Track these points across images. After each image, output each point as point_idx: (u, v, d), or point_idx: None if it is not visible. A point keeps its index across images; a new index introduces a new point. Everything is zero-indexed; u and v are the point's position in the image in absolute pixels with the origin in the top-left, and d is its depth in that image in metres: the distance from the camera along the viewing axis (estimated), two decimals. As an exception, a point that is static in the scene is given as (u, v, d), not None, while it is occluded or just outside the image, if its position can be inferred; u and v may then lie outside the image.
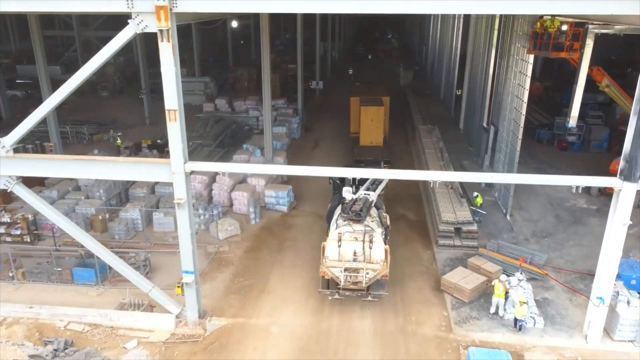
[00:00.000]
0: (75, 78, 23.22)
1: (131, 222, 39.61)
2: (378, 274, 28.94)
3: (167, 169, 24.90)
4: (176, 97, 23.15)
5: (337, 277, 29.13)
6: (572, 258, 35.74)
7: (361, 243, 28.70)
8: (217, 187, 43.70)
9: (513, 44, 42.72)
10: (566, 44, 35.94)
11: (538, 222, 41.03)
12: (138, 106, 68.28)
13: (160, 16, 21.52)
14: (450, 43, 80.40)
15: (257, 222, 41.39)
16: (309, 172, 27.01)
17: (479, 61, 57.93)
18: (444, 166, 46.94)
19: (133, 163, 25.97)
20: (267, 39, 44.92)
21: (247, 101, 71.91)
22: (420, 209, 43.94)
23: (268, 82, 46.95)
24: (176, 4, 21.43)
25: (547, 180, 26.29)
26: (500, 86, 47.81)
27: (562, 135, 58.67)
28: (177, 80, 22.98)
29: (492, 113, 50.46)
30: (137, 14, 21.90)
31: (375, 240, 28.73)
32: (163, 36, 21.96)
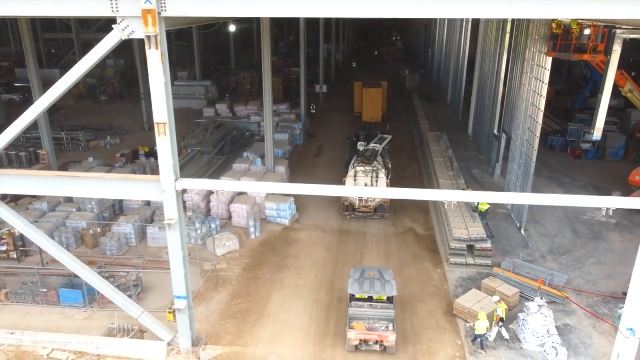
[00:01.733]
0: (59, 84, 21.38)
1: (124, 236, 37.81)
2: (381, 200, 42.20)
3: (156, 187, 22.98)
4: (165, 109, 21.22)
5: (353, 202, 42.33)
6: (593, 278, 33.69)
7: (370, 178, 40.76)
8: (215, 199, 41.83)
9: (528, 48, 40.99)
10: (589, 46, 34.27)
11: (555, 238, 38.98)
12: (137, 111, 66.54)
13: (148, 21, 19.67)
14: (457, 45, 79.24)
15: (257, 236, 39.53)
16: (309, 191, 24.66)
17: (489, 65, 56.25)
18: (454, 176, 45.00)
19: (119, 180, 23.99)
20: (267, 41, 43.07)
21: (249, 106, 70.58)
22: (428, 221, 42.05)
23: (269, 87, 44.98)
24: (165, 7, 19.56)
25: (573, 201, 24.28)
26: (512, 92, 46.30)
27: (575, 143, 57.03)
28: (166, 91, 21.05)
29: (504, 120, 48.82)
30: (122, 18, 20.05)
31: (380, 177, 40.83)
32: (151, 42, 20.06)
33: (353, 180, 40.94)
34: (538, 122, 37.53)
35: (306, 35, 66.73)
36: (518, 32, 45.65)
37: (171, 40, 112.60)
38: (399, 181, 45.44)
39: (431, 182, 47.20)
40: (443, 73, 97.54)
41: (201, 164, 50.20)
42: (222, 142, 56.78)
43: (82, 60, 21.04)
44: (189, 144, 54.48)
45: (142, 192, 24.24)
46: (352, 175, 41.19)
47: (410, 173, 51.99)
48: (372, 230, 40.79)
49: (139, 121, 65.61)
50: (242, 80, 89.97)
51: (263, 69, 44.57)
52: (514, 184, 42.57)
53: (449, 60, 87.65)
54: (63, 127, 63.02)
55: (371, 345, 26.93)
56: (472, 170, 51.58)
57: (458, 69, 78.21)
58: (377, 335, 26.51)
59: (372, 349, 26.98)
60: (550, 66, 36.66)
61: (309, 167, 53.87)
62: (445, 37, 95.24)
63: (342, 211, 43.17)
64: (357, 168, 41.38)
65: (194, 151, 52.89)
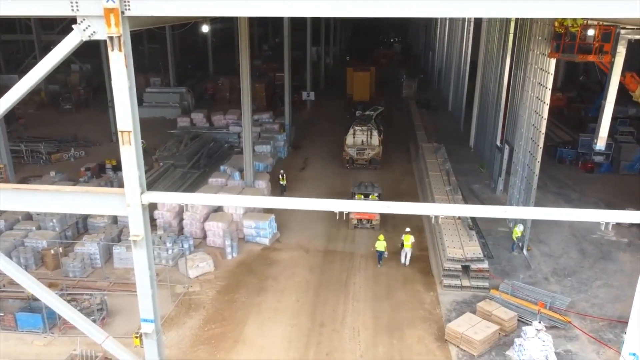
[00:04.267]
0: (14, 91, 21.89)
1: (88, 257, 38.42)
2: (375, 153, 59.17)
3: (120, 201, 23.47)
4: (130, 116, 21.84)
5: (352, 155, 59.18)
6: (600, 301, 34.53)
7: (365, 135, 58.90)
8: (189, 217, 42.53)
9: (531, 51, 41.78)
10: (595, 46, 34.64)
11: (559, 258, 39.85)
12: (105, 121, 66.97)
13: (110, 20, 20.25)
14: (459, 48, 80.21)
15: (234, 257, 40.23)
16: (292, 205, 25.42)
17: (491, 69, 57.31)
18: (451, 192, 45.71)
19: (80, 194, 24.54)
20: (246, 43, 43.70)
21: (228, 115, 71.34)
22: (422, 241, 42.72)
23: (248, 94, 45.59)
24: (129, 6, 20.14)
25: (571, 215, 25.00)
26: (516, 99, 47.02)
27: (587, 155, 57.76)
28: (131, 97, 21.67)
29: (507, 130, 49.63)
30: (82, 18, 20.59)
31: (373, 134, 58.91)
32: (114, 44, 20.70)
33: (352, 137, 59.12)
34: (541, 131, 38.29)
35: (293, 37, 67.52)
36: (521, 33, 46.38)
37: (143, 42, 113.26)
38: (392, 197, 46.09)
39: (426, 197, 47.95)
40: (444, 78, 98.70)
41: (174, 178, 50.88)
42: (198, 155, 57.50)
43: (39, 65, 21.52)
44: (162, 156, 55.08)
45: (106, 207, 24.63)
46: (351, 134, 59.16)
47: (405, 188, 52.74)
48: (361, 250, 41.59)
49: (107, 132, 65.90)
50: (221, 86, 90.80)
51: (242, 74, 45.11)
52: (516, 200, 43.42)
53: (451, 64, 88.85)
54: (22, 138, 63.36)
55: (365, 223, 44.76)
56: (473, 185, 52.45)
57: (460, 74, 79.12)
58: (368, 216, 44.00)
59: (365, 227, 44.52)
60: (554, 70, 37.33)
61: (294, 181, 54.49)
62: (447, 39, 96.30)
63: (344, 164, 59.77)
64: (355, 127, 59.37)
65: (167, 165, 53.51)
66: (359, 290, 36.03)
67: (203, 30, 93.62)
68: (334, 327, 32.35)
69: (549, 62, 37.44)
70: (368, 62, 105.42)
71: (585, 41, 34.97)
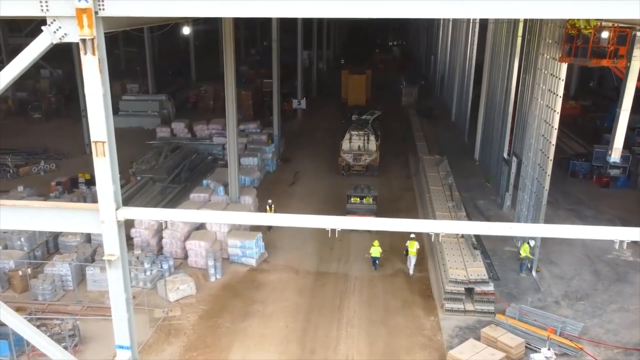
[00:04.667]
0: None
1: (59, 278, 38.44)
2: (372, 159, 61.22)
3: (94, 217, 23.58)
4: (104, 125, 21.96)
5: (349, 161, 61.28)
6: (615, 327, 34.75)
7: (362, 141, 61.20)
8: (169, 235, 42.73)
9: (541, 55, 42.02)
10: (609, 49, 34.59)
11: (572, 280, 40.10)
12: (77, 131, 67.02)
13: (83, 22, 20.38)
14: (463, 52, 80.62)
15: (218, 279, 40.37)
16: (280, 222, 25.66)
17: (498, 75, 57.52)
18: (454, 208, 45.97)
19: (51, 209, 24.67)
20: (230, 47, 43.88)
21: (212, 125, 71.50)
22: (423, 262, 42.94)
23: (233, 102, 45.77)
24: (103, 6, 20.26)
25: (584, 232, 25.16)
26: (524, 107, 47.17)
27: (602, 168, 57.93)
28: (105, 104, 21.82)
29: (515, 141, 49.76)
30: (53, 18, 20.73)
31: (370, 139, 61.20)
32: (86, 47, 20.85)
33: (348, 142, 61.40)
34: (552, 142, 38.49)
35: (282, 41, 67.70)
36: (531, 35, 46.56)
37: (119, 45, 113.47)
38: (389, 214, 46.24)
39: (427, 214, 48.24)
40: (447, 85, 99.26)
41: (153, 193, 51.03)
42: (179, 168, 57.71)
43: (5, 70, 21.57)
44: (139, 170, 55.21)
45: (78, 224, 24.71)
46: (347, 138, 61.52)
47: (404, 205, 52.96)
48: (355, 272, 41.79)
49: (79, 143, 65.99)
50: (204, 94, 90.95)
51: (226, 80, 45.27)
52: (524, 217, 43.69)
53: (454, 70, 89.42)
54: (-14, 150, 63.61)
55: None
56: (478, 201, 52.77)
57: (464, 81, 79.39)
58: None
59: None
60: (565, 75, 37.52)
61: (283, 197, 54.68)
62: (450, 42, 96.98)
63: (340, 172, 62.00)
64: (351, 132, 61.73)
65: (145, 179, 53.65)
66: (354, 315, 36.21)
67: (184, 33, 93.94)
68: (326, 354, 32.52)
69: (559, 67, 37.51)
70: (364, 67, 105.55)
71: (599, 44, 34.96)
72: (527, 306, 34.86)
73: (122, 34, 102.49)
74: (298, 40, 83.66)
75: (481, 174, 60.16)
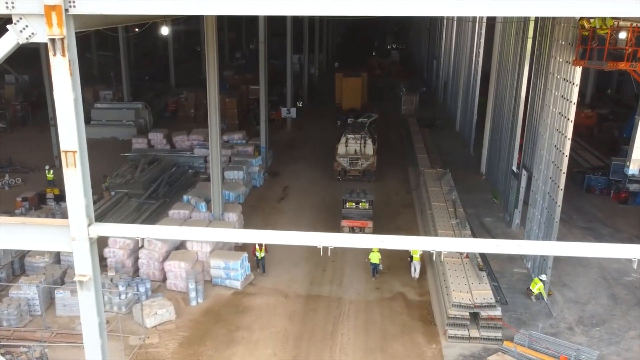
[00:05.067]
0: None
1: (26, 302, 38.34)
2: (369, 164, 64.11)
3: (64, 234, 23.57)
4: (75, 133, 21.99)
5: (345, 166, 64.20)
6: (634, 355, 34.85)
7: (359, 144, 64.25)
8: (146, 255, 42.70)
9: (553, 58, 41.96)
10: (627, 51, 34.17)
11: (586, 305, 40.19)
12: (46, 142, 66.99)
13: (52, 20, 20.40)
14: (469, 56, 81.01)
15: (200, 303, 40.35)
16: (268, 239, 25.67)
17: (507, 81, 57.56)
18: (458, 226, 46.07)
19: (16, 226, 24.68)
20: (214, 50, 43.82)
21: (193, 135, 71.42)
22: (424, 285, 43.08)
23: (216, 110, 45.72)
24: (74, 3, 20.29)
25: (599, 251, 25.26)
26: (535, 116, 47.29)
27: (621, 183, 58.01)
28: (76, 110, 21.85)
29: (525, 153, 49.81)
30: (19, 16, 20.75)
31: (367, 143, 64.18)
32: (56, 48, 20.88)
33: (344, 146, 64.44)
34: (565, 153, 38.50)
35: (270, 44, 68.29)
36: (542, 37, 46.39)
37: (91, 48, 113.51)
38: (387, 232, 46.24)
39: (429, 232, 48.32)
40: (451, 92, 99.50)
41: (128, 210, 51.09)
42: (157, 182, 57.72)
43: None
44: (113, 184, 55.25)
45: (47, 241, 24.63)
46: (343, 142, 64.45)
47: (403, 222, 53.05)
48: (350, 295, 41.76)
49: (48, 155, 65.78)
50: (185, 102, 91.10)
51: (209, 87, 45.10)
52: (535, 235, 43.79)
53: (458, 75, 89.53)
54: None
55: (357, 232, 48.86)
56: (484, 219, 52.92)
57: (469, 87, 79.51)
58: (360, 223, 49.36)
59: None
60: (579, 80, 37.57)
61: (270, 214, 54.96)
62: (454, 45, 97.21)
63: (335, 176, 64.84)
64: (347, 136, 64.69)
65: (120, 194, 53.72)
66: (348, 342, 36.20)
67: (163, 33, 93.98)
68: (318, 386, 32.59)
69: (573, 71, 37.60)
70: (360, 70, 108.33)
71: (617, 46, 34.88)
72: (537, 332, 34.91)
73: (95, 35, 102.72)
74: (287, 43, 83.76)
75: (488, 189, 60.35)
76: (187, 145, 70.61)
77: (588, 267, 44.27)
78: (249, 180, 62.00)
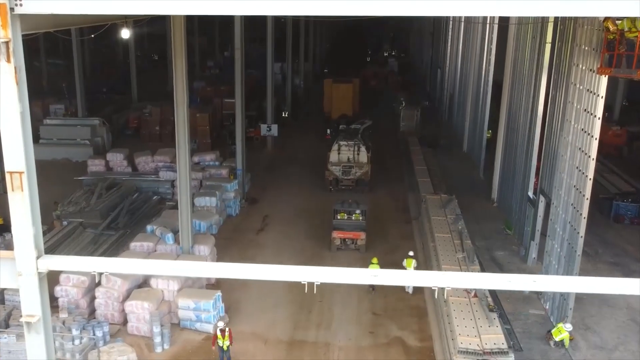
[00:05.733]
0: None
1: (-38, 350, 38.48)
2: (362, 173, 68.81)
3: (9, 268, 23.53)
4: (22, 151, 22.05)
5: (337, 175, 68.92)
6: (666, 411, 35.06)
7: (352, 152, 68.99)
8: (103, 294, 42.57)
9: (575, 65, 41.69)
10: None
11: (614, 352, 40.25)
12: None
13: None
14: (478, 64, 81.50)
15: (166, 349, 40.28)
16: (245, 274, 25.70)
17: (522, 93, 57.47)
18: (465, 260, 46.02)
19: (-50, 259, 24.85)
20: (182, 58, 43.63)
21: (158, 156, 71.39)
22: (425, 329, 43.09)
23: (185, 128, 45.62)
24: (20, 2, 20.32)
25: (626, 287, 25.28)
26: (554, 133, 47.14)
27: (654, 212, 58.10)
28: (23, 125, 21.93)
29: (543, 176, 49.72)
30: (-44, 18, 20.94)
31: (361, 150, 69.07)
32: (0, 53, 21.09)
33: (337, 154, 69.58)
34: (588, 176, 38.32)
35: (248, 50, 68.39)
36: (562, 41, 46.11)
37: (40, 55, 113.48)
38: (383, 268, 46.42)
39: (431, 268, 48.09)
40: (458, 106, 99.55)
41: (83, 243, 51.01)
42: (116, 210, 57.55)
43: None
44: (66, 212, 55.13)
45: (-12, 277, 24.78)
46: (336, 149, 69.57)
47: (402, 257, 52.40)
48: (340, 340, 41.63)
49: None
50: (149, 117, 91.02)
51: (176, 100, 45.06)
52: (554, 271, 43.82)
53: (466, 86, 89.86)
54: None
55: (349, 244, 54.05)
56: (496, 253, 53.08)
57: (479, 100, 79.59)
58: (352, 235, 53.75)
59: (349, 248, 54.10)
60: (604, 92, 37.16)
61: (248, 248, 54.99)
62: (461, 52, 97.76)
63: (328, 187, 69.95)
64: (340, 142, 69.92)
65: (73, 224, 53.61)
66: (337, 397, 36.21)
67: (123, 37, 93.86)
68: None
69: (598, 80, 37.37)
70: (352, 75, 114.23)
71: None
72: (556, 384, 35.12)
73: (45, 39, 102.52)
74: (268, 50, 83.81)
75: (500, 218, 60.53)
76: (152, 167, 70.50)
77: (615, 308, 44.45)
78: (223, 208, 62.01)
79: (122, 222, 56.76)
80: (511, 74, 63.32)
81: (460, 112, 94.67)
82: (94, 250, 50.59)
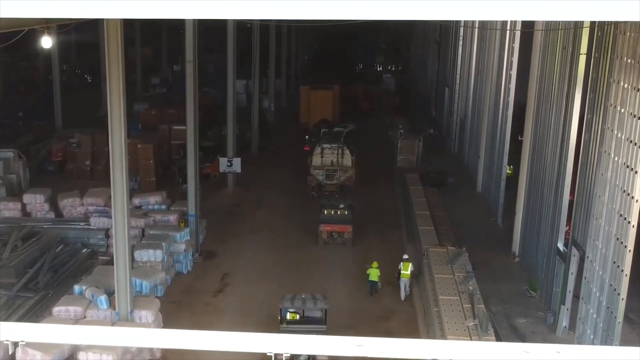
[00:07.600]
0: None
1: None
2: (347, 177, 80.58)
3: None
4: None
5: (320, 179, 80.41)
6: None
7: (336, 155, 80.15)
8: (17, 371, 42.90)
9: (614, 83, 41.06)
10: None
11: None
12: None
13: None
14: (496, 82, 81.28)
15: None
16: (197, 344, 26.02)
17: (549, 118, 56.94)
18: (477, 329, 45.62)
19: None
20: (119, 74, 43.36)
21: (88, 198, 71.34)
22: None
23: (122, 162, 45.23)
24: None
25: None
26: (589, 169, 46.38)
27: None
28: None
29: (576, 223, 49.28)
30: None
31: (345, 153, 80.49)
32: None
33: (320, 158, 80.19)
34: (632, 223, 37.71)
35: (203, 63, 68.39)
36: (599, 53, 45.29)
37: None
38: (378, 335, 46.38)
39: (435, 338, 47.77)
40: (470, 135, 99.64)
41: (-6, 307, 51.36)
42: (36, 266, 57.58)
43: None
44: (-27, 269, 55.55)
45: None
46: (318, 153, 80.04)
47: (397, 324, 52.78)
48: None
49: None
50: (77, 149, 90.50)
51: (111, 127, 44.93)
52: (589, 342, 43.55)
53: (481, 110, 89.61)
54: None
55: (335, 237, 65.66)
56: (517, 320, 53.06)
57: (498, 128, 78.65)
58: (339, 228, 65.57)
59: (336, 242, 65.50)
60: None
61: (203, 314, 54.97)
62: (474, 65, 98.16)
63: (311, 193, 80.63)
64: (323, 145, 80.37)
65: (-19, 284, 53.86)
66: None
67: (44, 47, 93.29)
68: None
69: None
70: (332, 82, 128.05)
71: None
72: None
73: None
74: (229, 64, 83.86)
75: (523, 277, 60.62)
76: (80, 212, 70.63)
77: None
78: (171, 263, 61.87)
79: (43, 282, 56.69)
80: (536, 94, 62.33)
81: (474, 143, 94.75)
82: (7, 316, 50.50)
